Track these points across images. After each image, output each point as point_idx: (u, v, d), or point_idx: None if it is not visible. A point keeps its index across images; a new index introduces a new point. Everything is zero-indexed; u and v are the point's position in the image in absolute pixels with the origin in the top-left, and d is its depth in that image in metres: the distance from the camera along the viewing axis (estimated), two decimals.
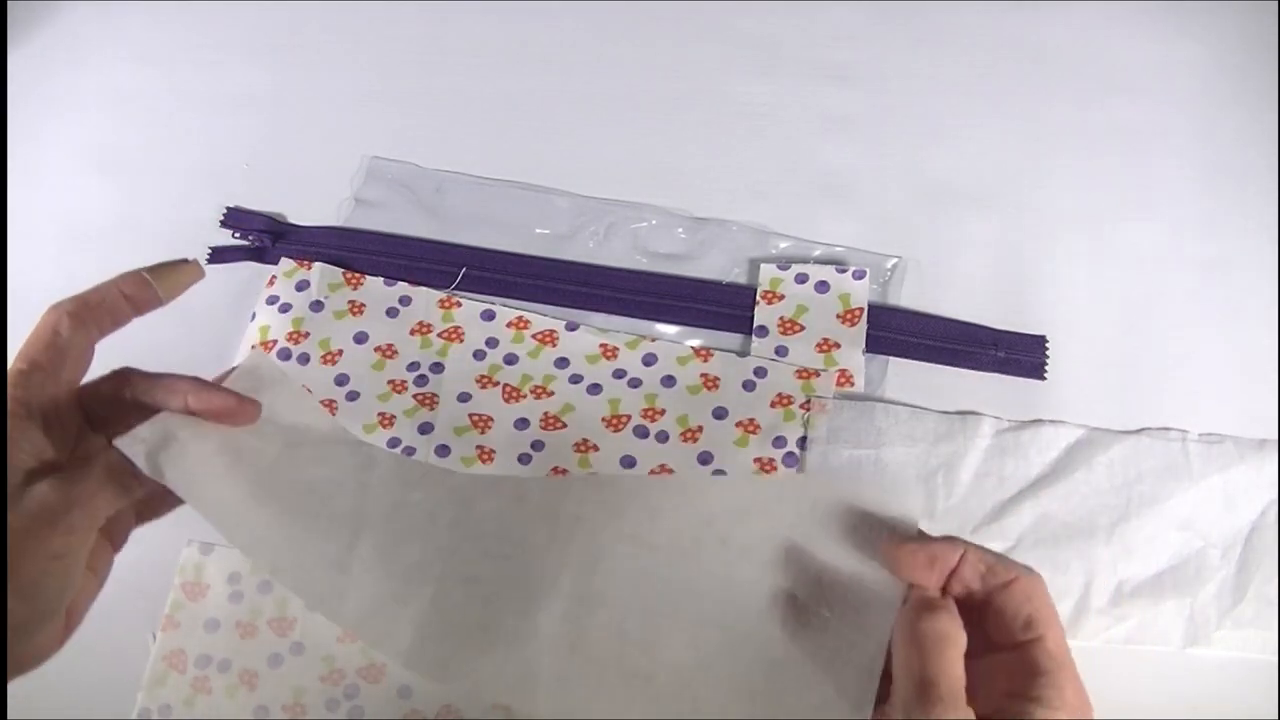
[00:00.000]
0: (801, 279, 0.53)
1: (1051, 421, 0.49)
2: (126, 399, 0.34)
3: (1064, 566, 0.46)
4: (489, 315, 0.53)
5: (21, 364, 0.32)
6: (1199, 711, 0.43)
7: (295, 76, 0.61)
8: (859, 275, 0.52)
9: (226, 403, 0.35)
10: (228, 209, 0.56)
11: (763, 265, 0.53)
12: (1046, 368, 0.51)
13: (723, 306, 0.53)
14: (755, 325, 0.52)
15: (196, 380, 0.35)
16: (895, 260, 0.54)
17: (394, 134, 0.59)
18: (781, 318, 0.52)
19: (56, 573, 0.30)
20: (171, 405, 0.34)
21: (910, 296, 0.53)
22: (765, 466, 0.48)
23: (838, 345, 0.51)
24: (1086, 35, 0.61)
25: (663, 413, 0.49)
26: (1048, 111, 0.59)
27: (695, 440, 0.48)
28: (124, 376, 0.35)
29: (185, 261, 0.37)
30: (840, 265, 0.53)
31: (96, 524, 0.31)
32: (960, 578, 0.30)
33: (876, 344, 0.51)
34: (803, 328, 0.51)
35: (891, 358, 0.51)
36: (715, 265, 0.54)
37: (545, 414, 0.49)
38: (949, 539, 0.31)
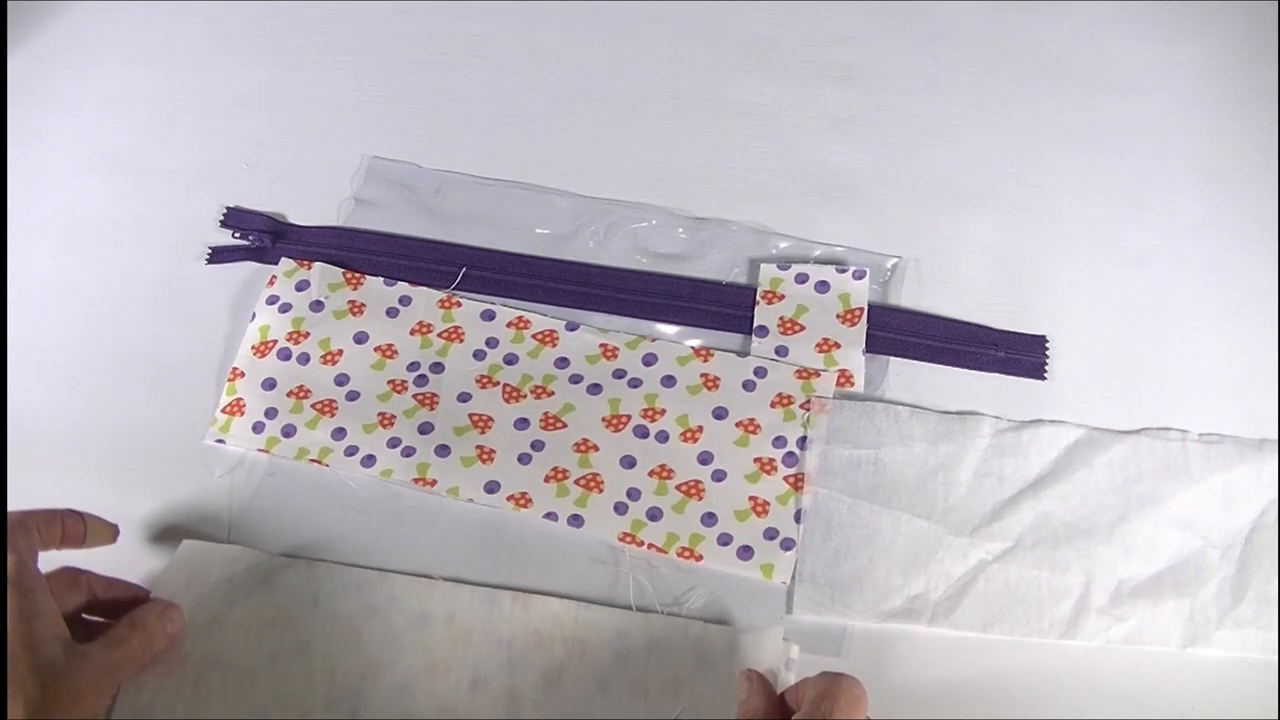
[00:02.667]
0: (801, 279, 0.53)
1: (1051, 421, 0.49)
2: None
3: (1064, 566, 0.46)
4: (489, 315, 0.53)
5: (12, 554, 0.36)
6: (1199, 711, 0.43)
7: (295, 76, 0.61)
8: (859, 275, 0.52)
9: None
10: (228, 209, 0.56)
11: (763, 265, 0.53)
12: (1046, 368, 0.51)
13: (723, 306, 0.53)
14: (755, 325, 0.52)
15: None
16: (895, 260, 0.54)
17: (394, 134, 0.59)
18: (781, 318, 0.52)
19: (99, 712, 0.38)
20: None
21: (910, 296, 0.53)
22: (765, 467, 0.48)
23: (838, 345, 0.51)
24: (1086, 35, 0.61)
25: (663, 413, 0.49)
26: (1048, 111, 0.59)
27: (695, 440, 0.48)
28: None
29: (109, 525, 0.43)
30: (840, 265, 0.53)
31: (123, 680, 0.40)
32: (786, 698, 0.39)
33: (876, 344, 0.51)
34: (803, 328, 0.51)
35: (891, 358, 0.51)
36: (715, 265, 0.54)
37: (545, 414, 0.49)
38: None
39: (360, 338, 0.52)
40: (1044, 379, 0.51)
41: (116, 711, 0.41)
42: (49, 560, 0.39)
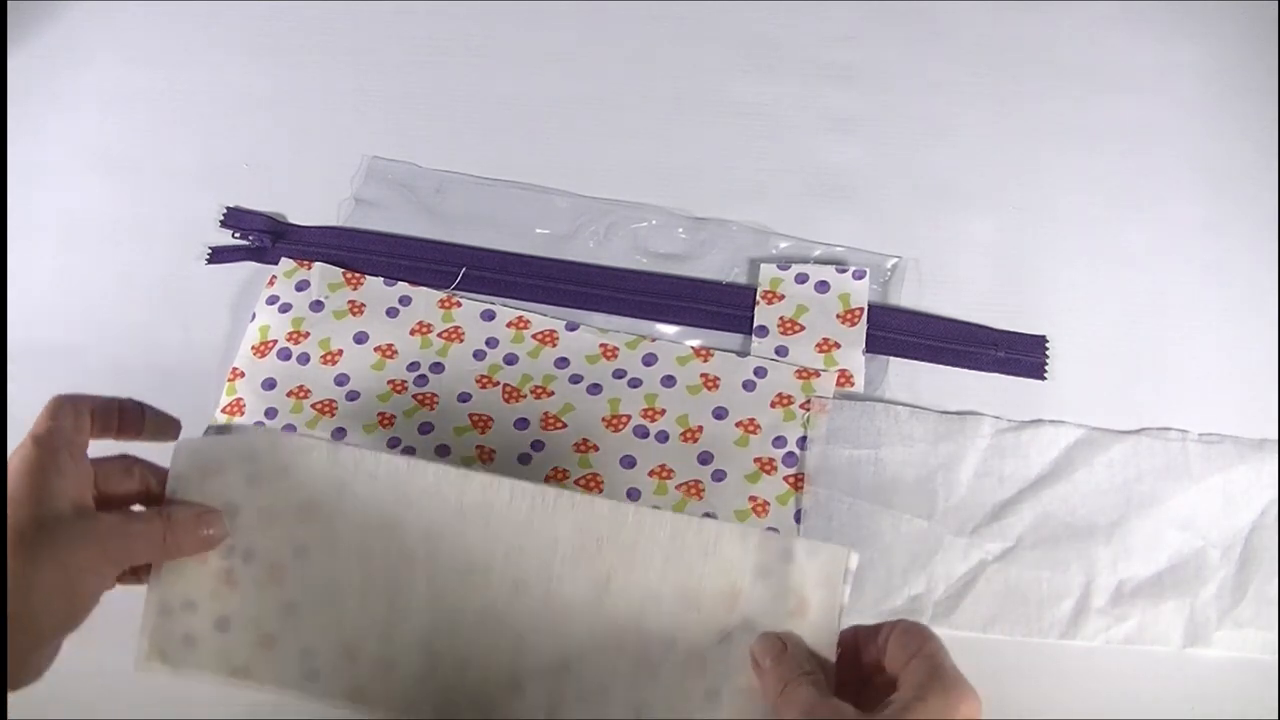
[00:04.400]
0: (801, 279, 0.53)
1: (1051, 421, 0.49)
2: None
3: (1064, 566, 0.46)
4: (489, 315, 0.53)
5: (47, 420, 0.36)
6: (1199, 711, 0.43)
7: (295, 76, 0.61)
8: (859, 275, 0.52)
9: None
10: (228, 209, 0.56)
11: (763, 265, 0.53)
12: (1046, 368, 0.51)
13: (723, 306, 0.53)
14: (755, 325, 0.52)
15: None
16: (895, 260, 0.54)
17: (394, 134, 0.59)
18: (781, 318, 0.52)
19: (94, 586, 0.35)
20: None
21: (910, 296, 0.53)
22: (765, 466, 0.48)
23: (838, 345, 0.51)
24: (1086, 35, 0.61)
25: (663, 413, 0.49)
26: (1048, 111, 0.59)
27: (695, 440, 0.48)
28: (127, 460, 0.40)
29: (170, 419, 0.41)
30: (840, 265, 0.53)
31: (126, 565, 0.36)
32: (867, 650, 0.37)
33: (876, 344, 0.51)
34: (803, 328, 0.51)
35: (891, 358, 0.51)
36: (715, 265, 0.54)
37: (545, 414, 0.49)
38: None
39: (360, 338, 0.52)
40: (1044, 379, 0.51)
41: (149, 599, 0.38)
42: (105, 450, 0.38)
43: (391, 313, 0.53)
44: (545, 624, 0.39)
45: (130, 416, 0.39)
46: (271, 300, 0.53)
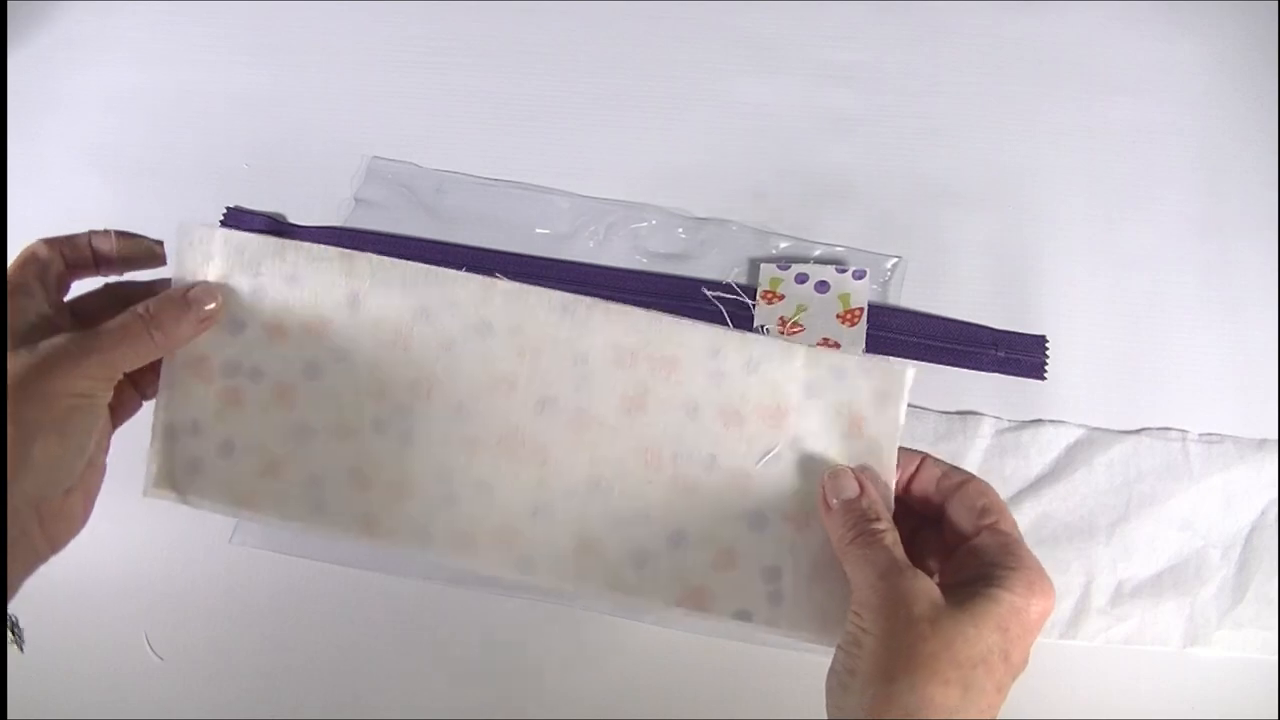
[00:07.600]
0: (801, 279, 0.53)
1: (1051, 421, 0.49)
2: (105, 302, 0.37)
3: (1064, 566, 0.46)
4: None
5: (15, 265, 0.35)
6: (1199, 711, 0.43)
7: (295, 76, 0.61)
8: (859, 275, 0.52)
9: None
10: (228, 209, 0.56)
11: (763, 265, 0.53)
12: (1046, 368, 0.51)
13: (723, 306, 0.53)
14: (755, 325, 0.52)
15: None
16: (895, 260, 0.54)
17: (394, 134, 0.59)
18: (781, 318, 0.52)
19: (84, 409, 0.32)
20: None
21: (910, 296, 0.53)
22: None
23: (838, 345, 0.51)
24: (1086, 35, 0.61)
25: None
26: (1048, 111, 0.59)
27: None
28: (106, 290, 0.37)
29: (149, 241, 0.38)
30: (840, 265, 0.53)
31: (115, 375, 0.33)
32: (920, 481, 0.35)
33: (876, 344, 0.51)
34: (803, 328, 0.51)
35: (891, 358, 0.51)
36: (715, 265, 0.54)
37: None
38: (909, 450, 0.35)
39: None
40: (1044, 379, 0.51)
41: (155, 419, 0.37)
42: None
43: None
44: (574, 441, 0.37)
45: (102, 250, 0.36)
46: None
